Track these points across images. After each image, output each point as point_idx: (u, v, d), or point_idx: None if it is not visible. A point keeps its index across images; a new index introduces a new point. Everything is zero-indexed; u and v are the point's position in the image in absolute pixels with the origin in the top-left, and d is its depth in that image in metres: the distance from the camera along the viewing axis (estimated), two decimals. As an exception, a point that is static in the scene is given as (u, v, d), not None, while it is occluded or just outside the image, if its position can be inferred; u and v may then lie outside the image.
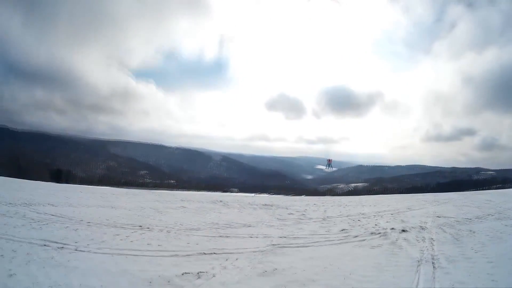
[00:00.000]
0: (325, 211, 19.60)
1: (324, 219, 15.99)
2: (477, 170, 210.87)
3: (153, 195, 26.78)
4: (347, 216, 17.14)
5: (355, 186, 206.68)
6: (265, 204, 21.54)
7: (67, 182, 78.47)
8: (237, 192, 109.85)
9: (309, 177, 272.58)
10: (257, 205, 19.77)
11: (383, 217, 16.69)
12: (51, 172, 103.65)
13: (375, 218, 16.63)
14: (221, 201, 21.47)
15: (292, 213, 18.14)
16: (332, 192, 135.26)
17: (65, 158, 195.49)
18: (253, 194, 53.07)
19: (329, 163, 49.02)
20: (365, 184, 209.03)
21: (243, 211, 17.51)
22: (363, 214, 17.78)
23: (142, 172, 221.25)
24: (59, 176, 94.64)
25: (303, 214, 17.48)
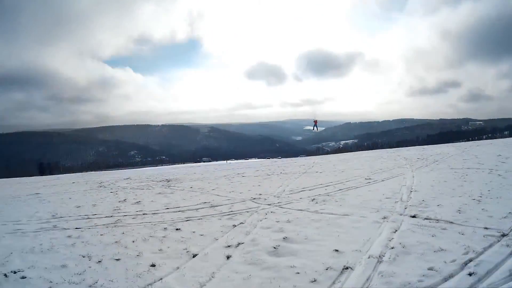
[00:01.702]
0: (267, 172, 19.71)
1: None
2: (466, 121, 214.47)
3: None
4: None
5: (344, 143, 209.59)
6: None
7: (51, 174, 79.18)
8: (208, 162, 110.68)
9: (299, 138, 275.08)
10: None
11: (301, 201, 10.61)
12: (39, 166, 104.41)
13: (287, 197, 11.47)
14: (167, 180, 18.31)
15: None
16: (321, 152, 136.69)
17: (54, 152, 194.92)
18: (225, 162, 54.15)
19: (315, 124, 49.42)
20: (355, 140, 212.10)
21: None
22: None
23: (132, 152, 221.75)
24: (42, 169, 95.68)
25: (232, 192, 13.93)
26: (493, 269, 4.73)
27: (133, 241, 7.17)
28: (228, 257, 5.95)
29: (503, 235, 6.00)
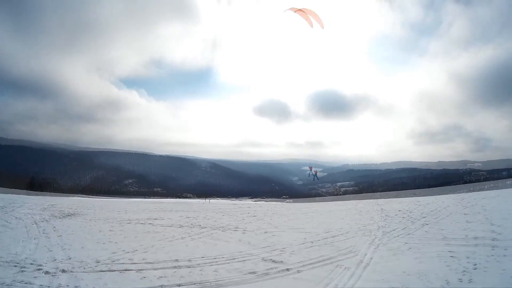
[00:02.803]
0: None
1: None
2: (464, 163, 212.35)
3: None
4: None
5: (340, 185, 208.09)
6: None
7: (41, 190, 79.10)
8: (191, 198, 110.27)
9: (296, 179, 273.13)
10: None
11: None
12: (27, 182, 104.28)
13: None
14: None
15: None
16: (314, 195, 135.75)
17: (51, 169, 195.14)
18: (203, 200, 53.71)
19: (315, 174, 46.26)
20: (351, 182, 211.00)
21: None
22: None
23: (129, 180, 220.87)
24: (32, 185, 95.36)
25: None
26: None
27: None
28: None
29: None
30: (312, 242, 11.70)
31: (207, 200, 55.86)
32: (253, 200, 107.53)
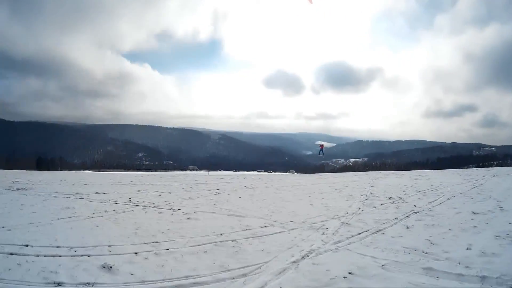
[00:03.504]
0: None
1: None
2: (478, 146, 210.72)
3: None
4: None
5: (354, 161, 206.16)
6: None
7: (48, 169, 78.57)
8: (196, 171, 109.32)
9: (309, 153, 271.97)
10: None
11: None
12: (37, 161, 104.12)
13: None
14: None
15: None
16: (322, 169, 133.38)
17: (62, 146, 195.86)
18: (207, 173, 52.15)
19: (321, 148, 46.67)
20: (365, 159, 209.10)
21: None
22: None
23: (140, 154, 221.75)
24: (40, 164, 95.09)
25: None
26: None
27: None
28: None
29: None
30: (221, 235, 7.64)
31: (207, 173, 55.04)
32: (257, 172, 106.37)
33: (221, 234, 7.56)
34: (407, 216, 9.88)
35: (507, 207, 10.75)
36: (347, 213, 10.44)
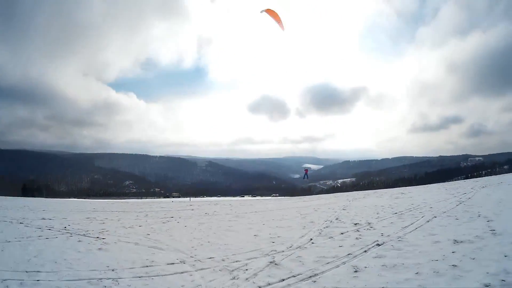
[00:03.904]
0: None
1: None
2: (465, 157, 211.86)
3: None
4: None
5: (342, 181, 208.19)
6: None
7: (33, 196, 78.85)
8: (177, 198, 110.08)
9: (296, 176, 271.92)
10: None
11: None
12: (23, 188, 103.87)
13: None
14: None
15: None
16: (310, 192, 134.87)
17: (49, 174, 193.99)
18: (189, 199, 53.13)
19: (305, 173, 47.87)
20: (353, 179, 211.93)
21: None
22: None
23: (127, 182, 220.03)
24: (25, 190, 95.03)
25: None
26: None
27: None
28: None
29: None
30: (112, 270, 7.83)
31: (188, 199, 55.65)
32: (240, 197, 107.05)
33: (112, 270, 7.63)
34: (365, 251, 8.27)
35: (500, 229, 8.89)
36: (291, 246, 9.40)
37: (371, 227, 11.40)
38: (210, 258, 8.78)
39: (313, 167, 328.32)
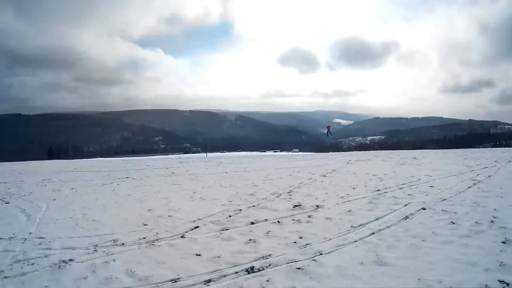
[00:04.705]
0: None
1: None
2: (495, 123, 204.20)
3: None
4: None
5: (371, 139, 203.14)
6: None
7: (60, 158, 79.06)
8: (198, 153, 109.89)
9: (325, 131, 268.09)
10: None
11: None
12: (49, 150, 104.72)
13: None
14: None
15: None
16: (337, 148, 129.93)
17: (79, 135, 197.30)
18: (179, 156, 50.51)
19: (328, 129, 46.32)
20: (381, 137, 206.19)
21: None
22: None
23: (157, 138, 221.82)
24: (51, 154, 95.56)
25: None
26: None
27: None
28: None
29: None
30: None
31: (205, 155, 54.27)
32: (261, 152, 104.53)
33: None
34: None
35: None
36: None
37: (309, 217, 6.73)
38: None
39: (343, 122, 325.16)
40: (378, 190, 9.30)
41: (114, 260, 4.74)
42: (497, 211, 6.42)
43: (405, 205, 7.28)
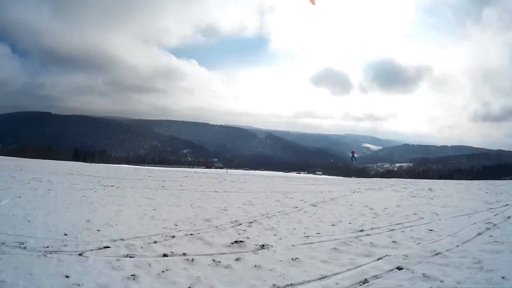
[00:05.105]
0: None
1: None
2: None
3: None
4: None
5: (399, 166, 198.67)
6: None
7: (84, 160, 79.99)
8: (220, 168, 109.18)
9: (355, 155, 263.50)
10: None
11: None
12: (74, 152, 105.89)
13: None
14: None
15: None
16: (363, 174, 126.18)
17: (108, 140, 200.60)
18: (194, 170, 49.31)
19: (352, 155, 46.12)
20: (410, 164, 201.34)
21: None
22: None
23: (185, 150, 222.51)
24: (77, 155, 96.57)
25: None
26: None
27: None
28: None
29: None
30: None
31: (225, 171, 53.71)
32: (284, 173, 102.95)
33: None
34: None
35: None
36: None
37: (237, 259, 5.39)
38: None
39: (372, 147, 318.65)
40: (361, 231, 7.46)
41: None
42: (506, 281, 4.49)
43: (378, 259, 5.32)
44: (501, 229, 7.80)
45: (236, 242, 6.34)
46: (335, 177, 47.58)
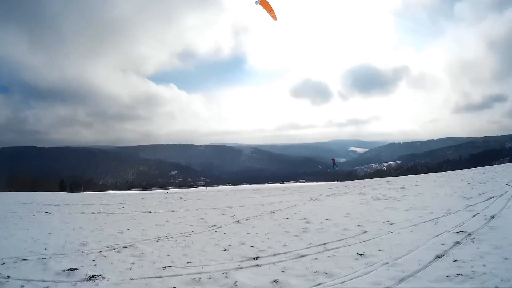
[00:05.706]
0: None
1: None
2: (510, 137, 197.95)
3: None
4: None
5: (387, 165, 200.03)
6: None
7: (71, 191, 77.84)
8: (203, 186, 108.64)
9: (342, 160, 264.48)
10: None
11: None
12: (60, 183, 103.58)
13: None
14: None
15: None
16: (352, 176, 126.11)
17: (95, 169, 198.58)
18: (166, 191, 47.71)
19: (333, 162, 46.74)
20: (398, 162, 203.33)
21: None
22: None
23: (173, 172, 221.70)
24: (63, 186, 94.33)
25: None
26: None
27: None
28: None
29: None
30: None
31: (205, 189, 54.73)
32: (270, 183, 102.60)
33: None
34: None
35: None
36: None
37: None
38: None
39: (359, 150, 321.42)
40: (255, 258, 5.91)
41: None
42: None
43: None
44: (477, 242, 5.99)
45: (69, 270, 5.62)
46: (318, 183, 46.72)
